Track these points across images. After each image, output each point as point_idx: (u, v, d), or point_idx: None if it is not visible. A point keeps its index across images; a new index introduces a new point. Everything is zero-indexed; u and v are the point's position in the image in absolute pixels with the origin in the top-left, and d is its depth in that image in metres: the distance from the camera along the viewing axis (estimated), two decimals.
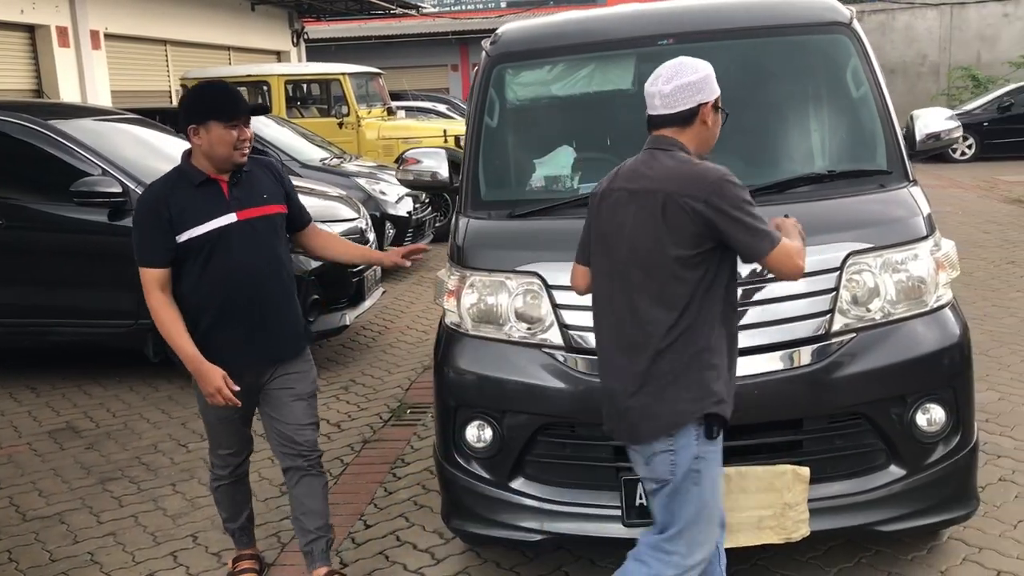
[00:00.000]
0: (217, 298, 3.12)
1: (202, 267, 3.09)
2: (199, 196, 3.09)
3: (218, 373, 3.07)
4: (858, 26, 3.83)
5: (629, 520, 3.06)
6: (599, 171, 3.74)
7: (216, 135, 3.03)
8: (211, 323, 3.14)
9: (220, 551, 3.89)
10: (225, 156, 3.07)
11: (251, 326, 3.18)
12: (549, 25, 4.19)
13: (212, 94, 3.14)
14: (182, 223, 3.05)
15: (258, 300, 3.19)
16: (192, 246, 3.07)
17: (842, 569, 3.42)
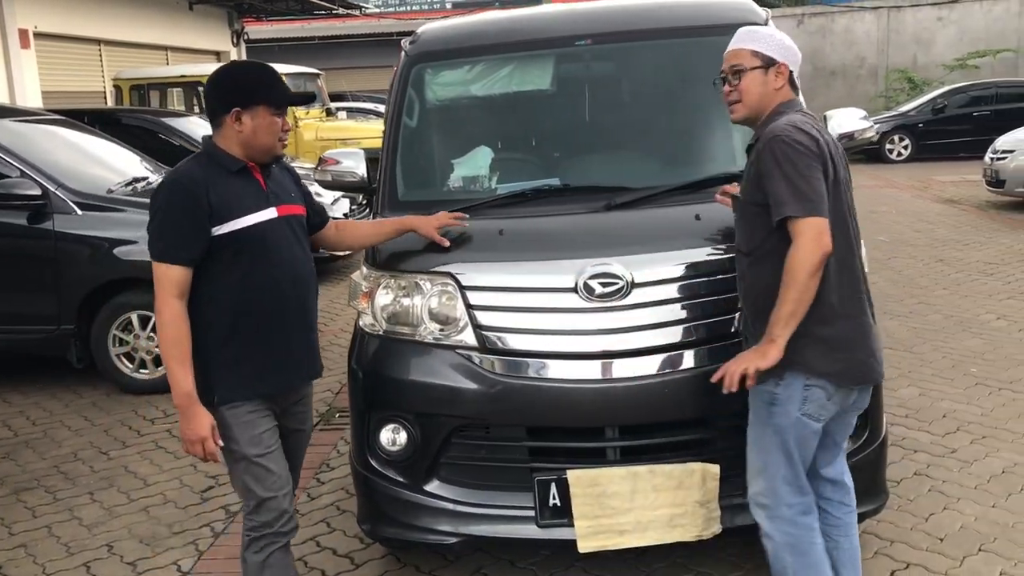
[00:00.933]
0: (266, 304, 2.75)
1: (248, 267, 2.72)
2: (237, 185, 2.73)
3: (208, 421, 2.67)
4: (773, 27, 3.86)
5: (543, 521, 3.05)
6: (518, 171, 3.77)
7: (264, 122, 2.71)
8: (252, 334, 2.74)
9: (135, 560, 3.81)
10: (268, 146, 2.75)
11: (299, 338, 2.86)
12: (469, 25, 4.18)
13: (261, 75, 2.77)
14: (222, 214, 2.66)
15: (303, 307, 2.87)
16: (229, 241, 2.68)
17: (758, 564, 3.43)
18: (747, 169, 2.72)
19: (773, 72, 2.72)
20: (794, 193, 2.50)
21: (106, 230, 5.91)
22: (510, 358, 3.10)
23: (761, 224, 2.63)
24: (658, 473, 2.98)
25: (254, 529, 2.84)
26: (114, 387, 6.02)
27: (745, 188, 2.72)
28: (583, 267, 3.07)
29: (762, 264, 2.65)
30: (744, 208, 2.73)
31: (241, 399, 2.74)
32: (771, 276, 2.58)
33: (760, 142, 2.62)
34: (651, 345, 3.03)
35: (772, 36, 2.76)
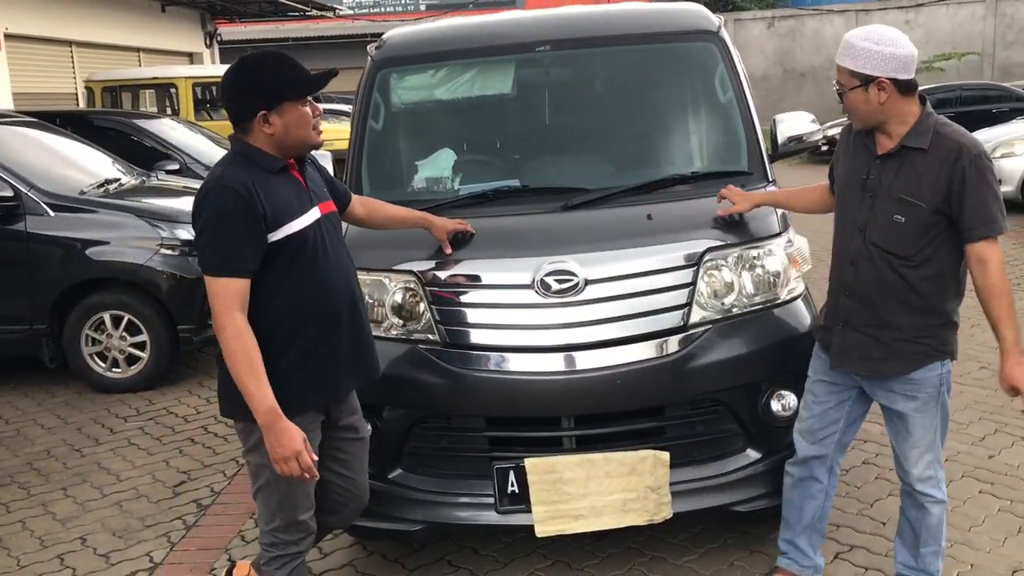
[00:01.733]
0: (320, 312, 2.63)
1: (299, 274, 2.59)
2: (282, 186, 2.59)
3: (300, 434, 2.48)
4: (725, 34, 4.03)
5: (502, 507, 3.19)
6: (479, 173, 3.91)
7: (293, 116, 2.56)
8: (308, 346, 2.61)
9: (108, 552, 3.90)
10: (304, 138, 2.61)
11: (353, 344, 2.73)
12: (433, 31, 4.31)
13: (279, 69, 2.59)
14: (275, 219, 2.52)
15: (355, 311, 2.74)
16: (286, 247, 2.55)
17: (709, 549, 3.60)
18: (923, 175, 2.70)
19: (874, 88, 2.69)
20: (996, 214, 2.65)
21: (78, 231, 5.99)
22: (470, 352, 3.23)
23: (929, 230, 2.72)
24: (611, 460, 3.13)
25: (276, 546, 2.74)
26: (87, 386, 6.09)
27: (924, 194, 2.70)
28: (540, 264, 3.21)
29: (923, 267, 2.75)
30: (916, 214, 2.72)
31: (297, 413, 2.57)
32: (932, 276, 2.75)
33: (964, 156, 2.65)
34: (604, 339, 3.17)
35: (869, 50, 2.68)
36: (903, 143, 2.74)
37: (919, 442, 2.90)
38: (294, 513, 2.71)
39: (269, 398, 2.47)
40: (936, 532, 2.99)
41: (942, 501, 2.96)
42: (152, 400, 5.90)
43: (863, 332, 2.86)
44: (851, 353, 2.90)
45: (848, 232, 2.88)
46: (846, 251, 2.89)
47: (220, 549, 3.88)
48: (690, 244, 3.27)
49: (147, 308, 5.98)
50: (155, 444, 5.14)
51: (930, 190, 2.69)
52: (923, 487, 2.94)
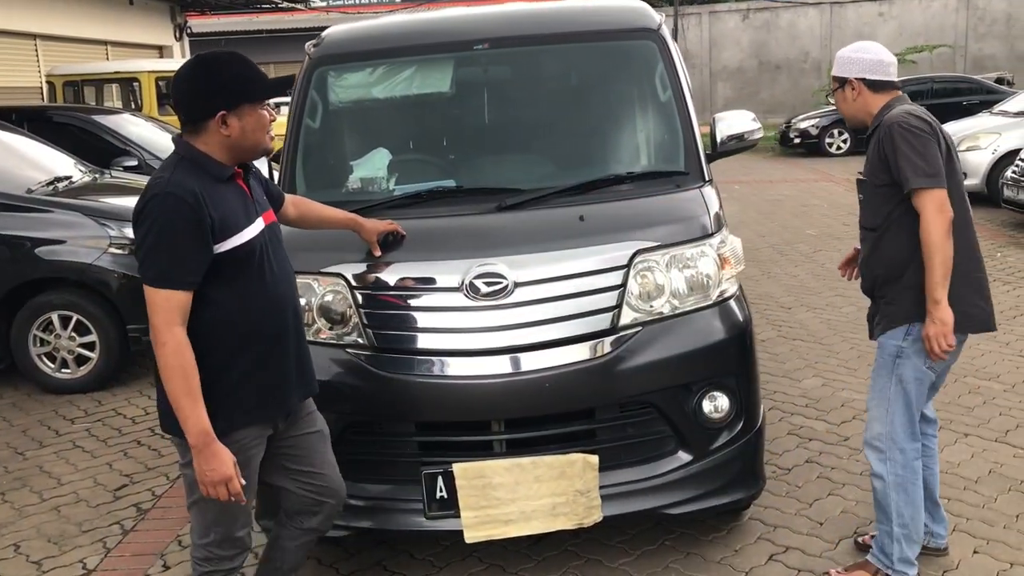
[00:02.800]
0: (267, 325, 2.55)
1: (246, 286, 2.51)
2: (228, 195, 2.50)
3: (231, 458, 2.42)
4: (666, 32, 3.99)
5: (430, 513, 3.16)
6: (415, 173, 3.86)
7: (252, 120, 2.49)
8: (256, 360, 2.54)
9: (42, 559, 3.84)
10: (260, 142, 2.54)
11: (297, 357, 2.67)
12: (372, 28, 4.25)
13: (242, 69, 2.51)
14: (224, 229, 2.44)
15: (298, 322, 2.68)
16: (233, 258, 2.47)
17: (645, 552, 3.59)
18: (869, 154, 3.12)
19: (848, 88, 3.17)
20: (916, 169, 2.92)
21: (25, 230, 5.90)
22: (399, 356, 3.19)
23: (885, 201, 3.06)
24: (540, 464, 3.10)
25: (209, 560, 2.66)
26: (35, 387, 6.01)
27: (869, 171, 3.12)
28: (469, 267, 3.17)
29: (888, 236, 3.07)
30: (869, 189, 3.13)
31: (241, 427, 2.53)
32: (897, 246, 3.05)
33: (880, 129, 3.03)
34: (533, 341, 3.14)
35: (841, 56, 3.22)
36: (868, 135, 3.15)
37: (870, 406, 3.21)
38: (231, 528, 2.63)
39: (203, 420, 2.39)
40: (883, 509, 3.18)
41: (881, 476, 3.16)
42: (101, 401, 5.82)
43: (875, 302, 3.26)
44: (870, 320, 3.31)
45: None
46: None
47: (156, 555, 3.83)
48: (621, 245, 3.24)
49: (96, 308, 5.90)
50: (100, 447, 5.07)
51: (870, 165, 3.10)
52: (867, 453, 3.22)
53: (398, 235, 3.30)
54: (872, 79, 3.13)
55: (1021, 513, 3.78)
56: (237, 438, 2.53)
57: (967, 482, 4.07)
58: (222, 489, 2.42)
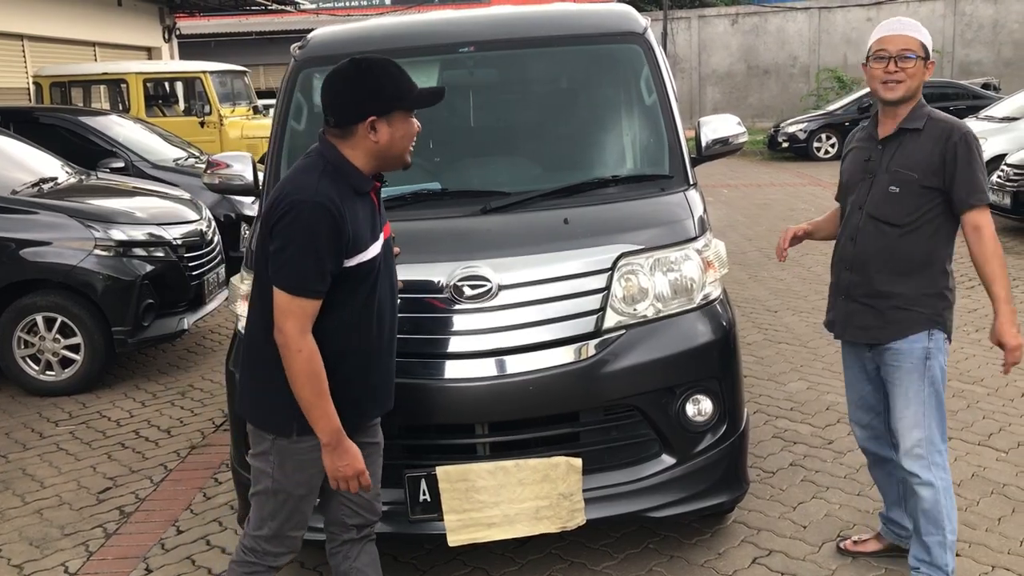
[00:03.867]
0: (373, 336, 2.57)
1: (363, 299, 2.52)
2: (361, 209, 2.48)
3: (359, 454, 2.50)
4: (652, 36, 4.00)
5: (413, 516, 3.16)
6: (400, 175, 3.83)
7: (402, 129, 2.47)
8: (351, 369, 2.55)
9: (23, 563, 3.82)
10: (403, 153, 2.53)
11: (385, 371, 2.68)
12: (358, 30, 4.25)
13: (399, 74, 2.49)
14: (356, 244, 2.44)
15: (393, 339, 2.70)
16: (355, 274, 2.47)
17: (629, 555, 3.59)
18: (916, 150, 2.99)
19: (927, 64, 3.01)
20: (980, 184, 2.93)
21: (9, 231, 5.88)
22: None
23: (924, 201, 2.98)
24: (523, 467, 3.10)
25: (255, 552, 2.68)
26: (19, 389, 5.98)
27: (922, 168, 2.97)
28: (453, 270, 3.17)
29: (912, 236, 3.01)
30: (912, 186, 2.99)
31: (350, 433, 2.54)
32: (919, 247, 3.01)
33: (950, 132, 2.95)
34: (518, 344, 3.14)
35: (920, 27, 3.04)
36: (901, 126, 3.03)
37: (903, 415, 3.05)
38: (285, 526, 2.66)
39: (335, 419, 2.45)
40: (933, 518, 3.05)
41: (930, 484, 3.03)
42: (86, 403, 5.80)
43: (861, 302, 3.11)
44: (852, 323, 3.16)
45: (850, 213, 3.17)
46: (847, 229, 3.17)
47: (138, 558, 3.81)
48: (605, 249, 3.25)
49: (81, 310, 5.87)
50: (84, 449, 5.05)
51: (923, 164, 2.97)
52: (909, 464, 3.05)
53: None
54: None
55: (1004, 516, 3.79)
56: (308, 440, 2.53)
57: None
58: (354, 482, 2.51)
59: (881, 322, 3.07)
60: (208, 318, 6.85)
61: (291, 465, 2.56)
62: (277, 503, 2.62)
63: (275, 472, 2.57)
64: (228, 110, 11.97)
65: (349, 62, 2.50)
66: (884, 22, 3.12)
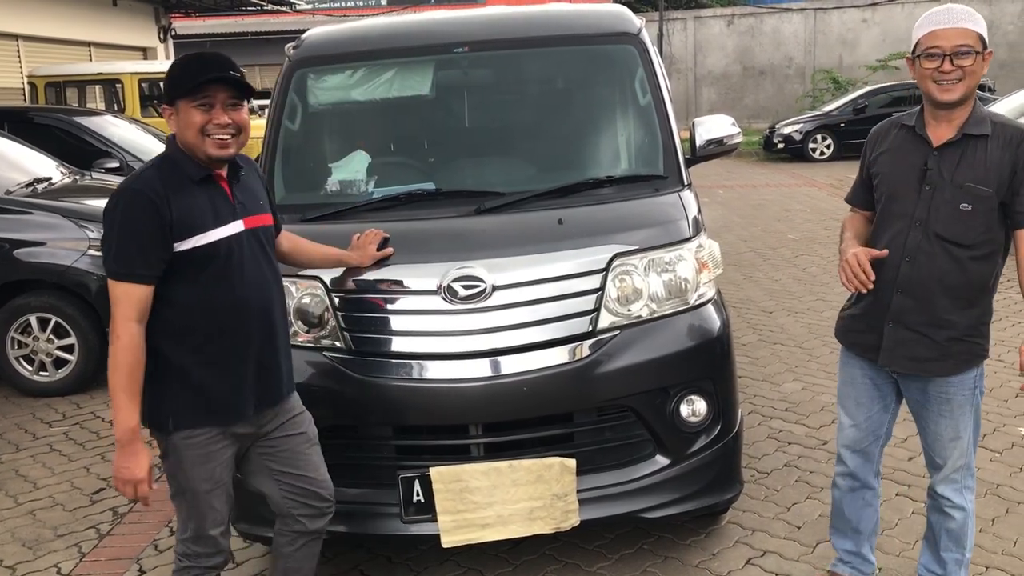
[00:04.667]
0: (228, 326, 2.56)
1: (209, 285, 2.52)
2: (201, 195, 2.51)
3: (148, 462, 2.48)
4: (646, 37, 4.00)
5: (407, 517, 3.15)
6: (394, 175, 3.85)
7: (185, 119, 2.47)
8: (215, 359, 2.56)
9: (15, 564, 3.81)
10: (192, 144, 2.50)
11: (261, 362, 2.65)
12: (353, 30, 4.24)
13: (187, 64, 2.50)
14: (185, 228, 2.46)
15: (269, 330, 2.67)
16: (194, 257, 2.48)
17: (623, 555, 3.58)
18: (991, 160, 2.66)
19: (985, 57, 2.68)
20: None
21: (5, 231, 5.88)
22: (376, 359, 3.18)
23: (994, 219, 2.69)
24: (517, 468, 3.09)
25: (187, 556, 2.72)
26: (12, 390, 5.97)
27: (997, 182, 2.66)
28: (447, 270, 3.17)
29: (981, 258, 2.72)
30: (988, 202, 2.67)
31: (202, 426, 2.56)
32: (987, 271, 2.73)
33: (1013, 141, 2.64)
34: (511, 345, 3.13)
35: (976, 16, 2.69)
36: (965, 131, 2.69)
37: (951, 445, 2.90)
38: (202, 525, 2.67)
39: (134, 418, 2.46)
40: (958, 538, 2.98)
41: (963, 508, 2.95)
42: (80, 404, 5.78)
43: (916, 331, 2.79)
44: (900, 351, 2.83)
45: (901, 228, 2.78)
46: (902, 248, 2.77)
47: (131, 559, 3.80)
48: (599, 249, 3.24)
49: (75, 310, 5.86)
50: (78, 450, 5.04)
51: (996, 178, 2.65)
52: (945, 490, 2.95)
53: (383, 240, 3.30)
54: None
55: (998, 517, 3.80)
56: (190, 435, 2.57)
57: None
58: (130, 488, 2.49)
59: (937, 354, 2.77)
60: None
61: (188, 462, 2.58)
62: (188, 502, 2.64)
63: (178, 472, 2.61)
64: None
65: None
66: (932, 11, 2.68)
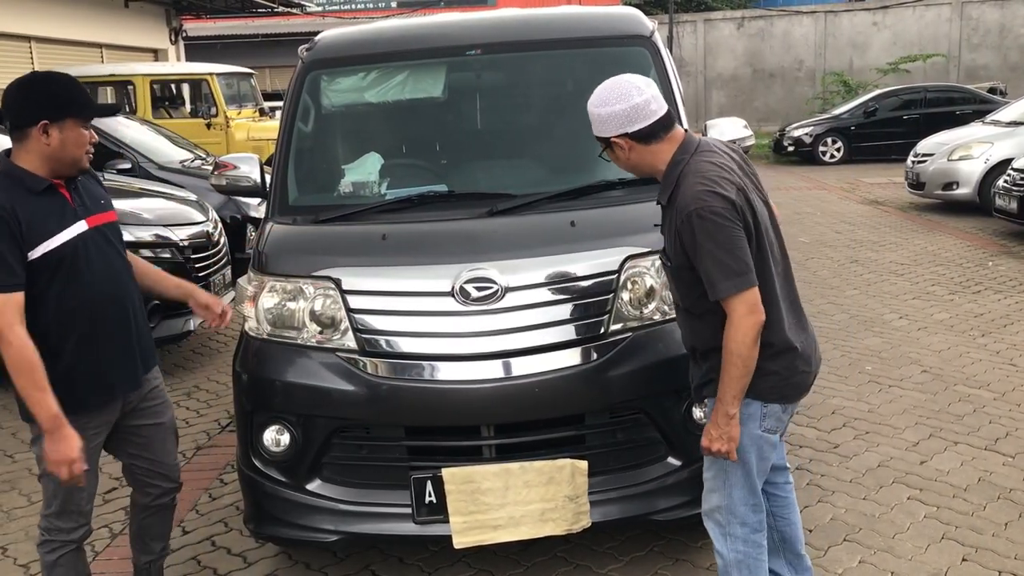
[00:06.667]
0: (84, 320, 2.77)
1: (62, 286, 2.71)
2: (43, 204, 2.70)
3: (77, 443, 2.63)
4: (658, 39, 4.00)
5: (419, 517, 3.15)
6: (407, 177, 3.86)
7: (73, 135, 2.71)
8: (76, 353, 2.77)
9: (29, 562, 3.83)
10: (76, 159, 2.75)
11: (123, 348, 2.88)
12: (365, 33, 4.26)
13: (68, 85, 2.75)
14: (32, 237, 2.64)
15: (127, 316, 2.90)
16: (45, 263, 2.67)
17: (634, 558, 3.58)
18: (668, 232, 2.67)
19: (616, 148, 2.71)
20: (724, 271, 2.49)
21: None
22: (389, 360, 3.19)
23: (693, 285, 2.62)
24: (529, 469, 3.10)
25: (48, 531, 2.92)
26: None
27: (669, 252, 2.69)
28: (460, 272, 3.17)
29: (702, 320, 2.67)
30: (672, 271, 2.70)
31: (71, 412, 2.69)
32: (711, 331, 2.63)
33: (677, 214, 2.56)
34: (524, 346, 3.14)
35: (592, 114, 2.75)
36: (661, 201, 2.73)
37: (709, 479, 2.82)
38: (69, 501, 2.87)
39: (53, 406, 2.61)
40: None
41: (721, 555, 2.83)
42: None
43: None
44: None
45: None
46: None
47: None
48: (611, 251, 3.25)
49: None
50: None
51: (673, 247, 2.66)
52: (708, 525, 2.87)
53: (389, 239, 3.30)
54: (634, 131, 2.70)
55: (1010, 521, 3.78)
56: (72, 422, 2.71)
57: (956, 490, 4.07)
58: (64, 469, 2.63)
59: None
60: None
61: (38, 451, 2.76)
62: (55, 482, 2.79)
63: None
64: (234, 112, 12.00)
65: (30, 73, 2.81)
66: None
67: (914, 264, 9.02)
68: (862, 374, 5.71)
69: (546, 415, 3.17)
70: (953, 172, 12.01)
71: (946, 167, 12.14)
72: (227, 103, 11.94)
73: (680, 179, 2.60)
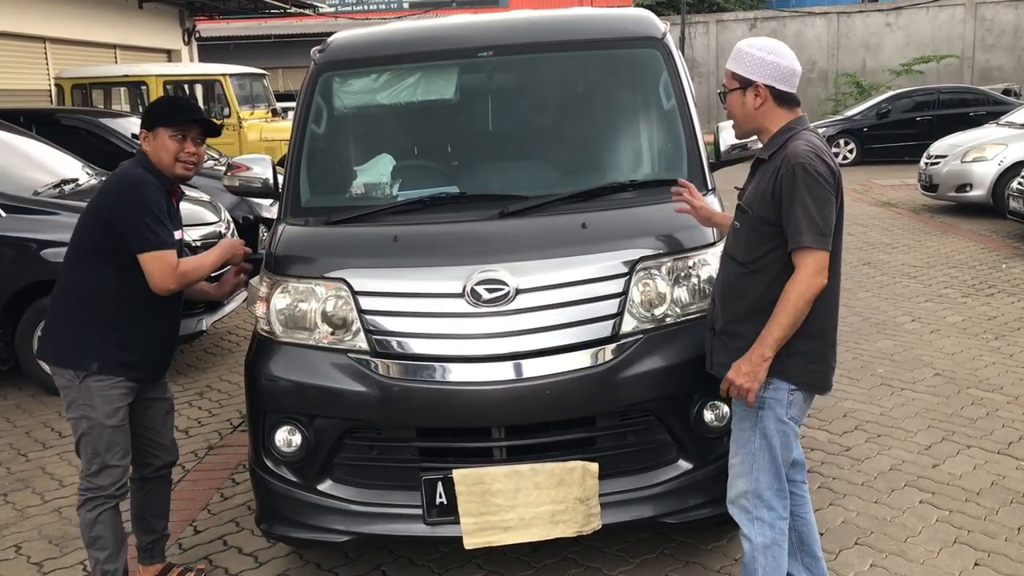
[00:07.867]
0: (157, 305, 3.22)
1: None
2: (168, 203, 3.23)
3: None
4: (670, 41, 4.00)
5: (430, 519, 3.16)
6: (418, 179, 3.87)
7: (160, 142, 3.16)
8: (145, 325, 3.22)
9: (42, 560, 3.85)
10: (166, 166, 3.18)
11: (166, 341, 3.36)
12: (378, 34, 4.27)
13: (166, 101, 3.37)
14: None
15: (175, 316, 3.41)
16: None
17: (645, 560, 3.58)
18: (758, 184, 2.77)
19: (751, 93, 2.77)
20: (811, 225, 2.60)
21: (32, 232, 5.93)
22: (400, 362, 3.19)
23: (764, 240, 2.73)
24: (540, 471, 3.10)
25: (90, 490, 3.20)
26: (39, 389, 6.03)
27: (753, 202, 2.76)
28: (471, 273, 3.18)
29: (757, 276, 2.75)
30: (750, 221, 2.77)
31: (119, 376, 3.14)
32: (760, 289, 2.74)
33: (783, 164, 2.66)
34: (535, 348, 3.14)
35: (751, 54, 2.76)
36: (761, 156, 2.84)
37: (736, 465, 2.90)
38: (106, 457, 3.16)
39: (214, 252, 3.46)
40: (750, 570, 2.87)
41: (749, 539, 2.85)
42: None
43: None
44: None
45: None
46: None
47: None
48: (623, 253, 3.24)
49: None
50: None
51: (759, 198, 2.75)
52: (735, 512, 2.91)
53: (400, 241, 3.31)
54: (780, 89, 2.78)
55: (1023, 526, 3.76)
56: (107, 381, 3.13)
57: (969, 494, 4.05)
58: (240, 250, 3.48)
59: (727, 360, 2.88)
60: (226, 319, 6.91)
61: (99, 400, 3.12)
62: (96, 438, 3.14)
63: (88, 411, 3.12)
64: (247, 113, 12.05)
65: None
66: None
67: (927, 266, 8.98)
68: (874, 377, 5.69)
69: (557, 417, 3.17)
70: (967, 174, 11.96)
71: (959, 169, 12.08)
72: (240, 104, 11.99)
73: (788, 141, 2.73)
